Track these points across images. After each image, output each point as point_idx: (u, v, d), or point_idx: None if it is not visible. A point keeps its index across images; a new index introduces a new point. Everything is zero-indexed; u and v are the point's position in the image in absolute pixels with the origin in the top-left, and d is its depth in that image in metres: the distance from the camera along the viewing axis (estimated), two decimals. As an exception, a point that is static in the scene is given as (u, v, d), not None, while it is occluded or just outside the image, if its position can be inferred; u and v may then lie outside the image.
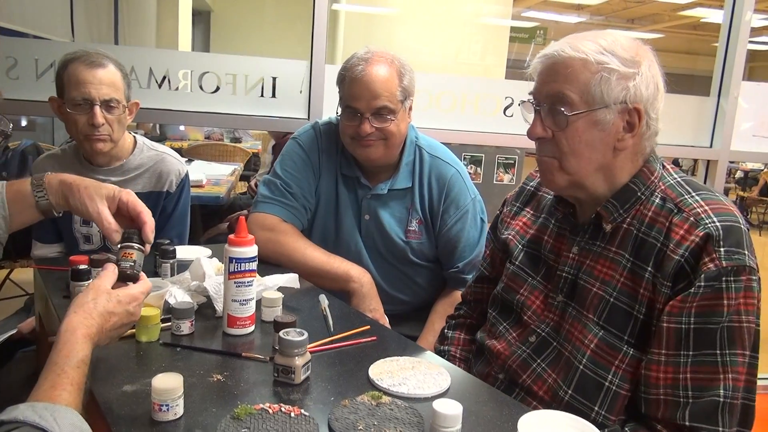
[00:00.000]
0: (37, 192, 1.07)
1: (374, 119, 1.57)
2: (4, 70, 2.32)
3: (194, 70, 2.42)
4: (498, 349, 1.20)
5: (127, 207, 1.06)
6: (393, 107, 1.57)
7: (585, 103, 1.01)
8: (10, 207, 1.07)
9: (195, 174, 3.09)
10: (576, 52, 1.02)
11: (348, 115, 1.60)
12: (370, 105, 1.56)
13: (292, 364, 0.95)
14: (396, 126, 1.59)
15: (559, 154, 1.05)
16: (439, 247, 1.74)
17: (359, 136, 1.58)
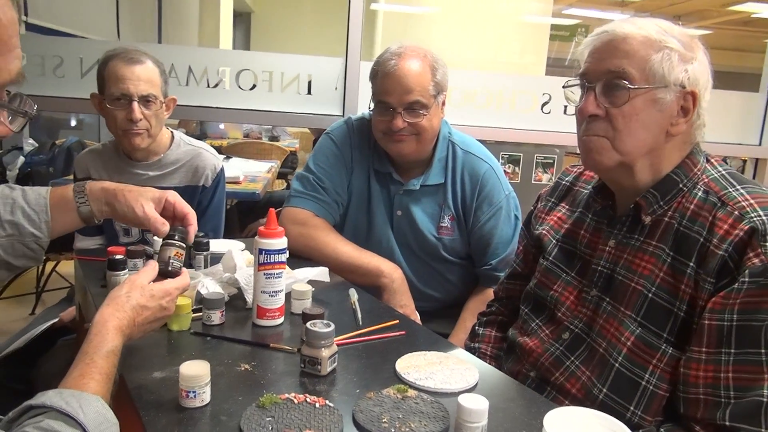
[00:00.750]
0: (78, 198, 1.08)
1: (406, 114, 1.56)
2: (51, 68, 2.40)
3: (232, 67, 2.46)
4: (530, 347, 1.17)
5: (174, 208, 1.08)
6: (425, 102, 1.56)
7: (645, 80, 0.98)
8: (53, 212, 1.07)
9: (232, 171, 3.14)
10: (638, 28, 0.99)
11: (380, 109, 1.59)
12: (402, 99, 1.55)
13: (319, 356, 0.95)
14: (428, 121, 1.57)
15: (612, 133, 1.02)
16: (471, 243, 1.72)
17: (391, 131, 1.57)
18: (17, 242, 1.04)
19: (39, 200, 1.07)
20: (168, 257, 1.01)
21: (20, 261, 1.06)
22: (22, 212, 1.04)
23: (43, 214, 1.06)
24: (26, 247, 1.05)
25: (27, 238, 1.05)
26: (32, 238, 1.05)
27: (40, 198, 1.07)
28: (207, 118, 3.11)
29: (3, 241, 1.03)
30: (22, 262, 1.06)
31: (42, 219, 1.05)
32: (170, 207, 1.08)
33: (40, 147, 2.86)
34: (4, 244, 1.03)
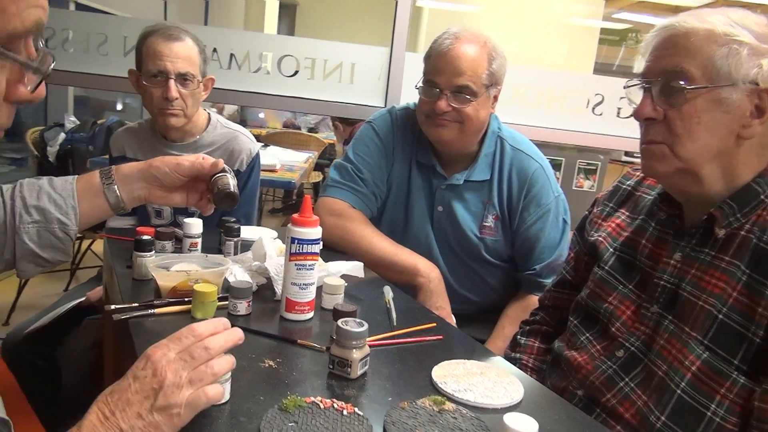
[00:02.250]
0: (105, 180, 1.04)
1: (453, 98, 1.47)
2: (95, 45, 2.39)
3: (274, 53, 2.41)
4: (578, 362, 1.07)
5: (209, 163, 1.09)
6: (475, 89, 1.46)
7: (707, 79, 0.88)
8: (81, 198, 1.02)
9: (269, 159, 3.10)
10: (701, 22, 0.88)
11: (426, 89, 1.51)
12: (450, 81, 1.46)
13: (349, 357, 0.87)
14: (475, 110, 1.48)
15: (670, 138, 0.92)
16: (515, 246, 1.62)
17: (434, 114, 1.49)
18: (43, 230, 0.98)
19: (66, 186, 1.02)
20: (231, 184, 1.06)
21: (48, 252, 1.00)
22: (48, 197, 0.99)
23: (70, 200, 1.01)
24: (53, 235, 0.99)
25: (54, 224, 0.99)
26: (59, 225, 0.99)
27: (67, 184, 1.02)
28: (245, 103, 3.08)
29: (30, 228, 0.98)
30: (50, 254, 1.00)
31: (69, 204, 1.00)
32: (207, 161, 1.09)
33: (81, 125, 2.87)
34: (31, 232, 0.98)
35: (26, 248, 0.97)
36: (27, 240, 0.97)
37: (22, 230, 0.97)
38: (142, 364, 0.68)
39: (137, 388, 0.66)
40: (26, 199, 0.98)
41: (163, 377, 0.66)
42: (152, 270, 1.10)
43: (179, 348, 0.70)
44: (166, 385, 0.66)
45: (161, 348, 0.70)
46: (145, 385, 0.66)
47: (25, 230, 0.97)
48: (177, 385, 0.67)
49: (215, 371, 0.70)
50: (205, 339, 0.71)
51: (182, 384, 0.67)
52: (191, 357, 0.69)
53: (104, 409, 0.65)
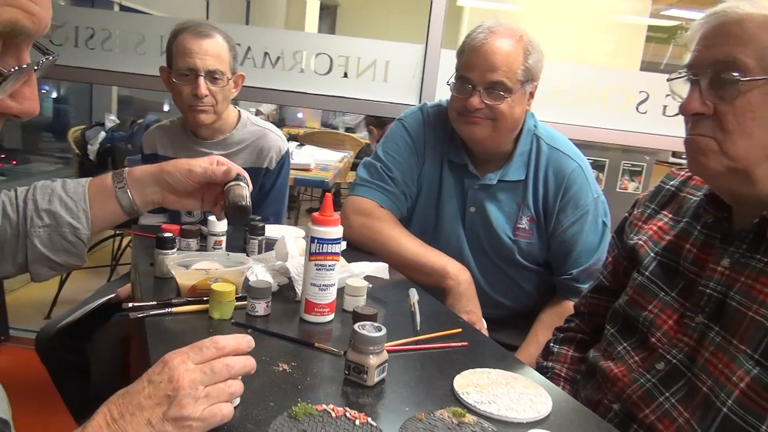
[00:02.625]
0: (117, 183, 0.99)
1: (486, 94, 1.41)
2: (133, 45, 2.42)
3: (308, 51, 2.39)
4: (615, 374, 1.00)
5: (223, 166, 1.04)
6: (509, 85, 1.40)
7: (764, 70, 0.80)
8: (93, 201, 0.99)
9: (304, 158, 3.09)
10: (756, 7, 0.80)
11: (458, 86, 1.45)
12: (484, 77, 1.40)
13: (366, 363, 0.83)
14: (509, 107, 1.41)
15: (721, 135, 0.84)
16: (551, 249, 1.55)
17: (466, 111, 1.43)
18: (55, 233, 0.96)
19: (77, 189, 0.99)
20: (244, 195, 1.00)
21: (60, 256, 0.97)
22: (59, 201, 0.97)
23: (81, 203, 0.97)
24: (64, 239, 0.96)
25: (64, 228, 0.96)
26: (70, 229, 0.96)
27: (79, 187, 0.99)
28: (279, 101, 3.08)
29: (41, 232, 0.95)
30: (63, 258, 0.97)
31: (80, 208, 0.97)
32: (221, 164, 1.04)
33: (120, 124, 2.93)
34: (42, 236, 0.95)
35: (38, 252, 0.95)
36: (38, 244, 0.95)
37: (33, 234, 0.95)
38: (159, 369, 0.65)
39: (150, 393, 0.63)
40: (38, 203, 0.96)
41: (179, 385, 0.63)
42: (172, 268, 1.09)
43: (200, 359, 0.66)
44: (182, 394, 0.63)
45: (180, 355, 0.66)
46: (159, 390, 0.63)
47: (36, 234, 0.95)
48: (194, 397, 0.63)
49: (232, 391, 0.68)
50: (227, 356, 0.69)
51: (199, 396, 0.64)
52: (212, 371, 0.66)
53: (113, 410, 0.62)
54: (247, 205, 0.99)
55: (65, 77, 2.54)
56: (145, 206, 1.02)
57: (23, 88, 0.58)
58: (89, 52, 2.41)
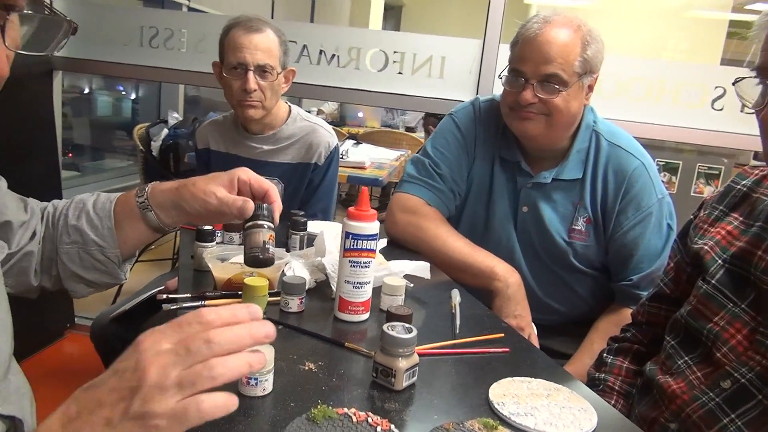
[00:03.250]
0: (141, 207, 0.90)
1: (539, 88, 1.33)
2: (193, 43, 2.47)
3: (363, 47, 2.36)
4: (673, 390, 0.91)
5: (250, 186, 0.88)
6: (565, 78, 1.31)
7: None
8: (120, 218, 0.91)
9: (359, 156, 3.07)
10: None
11: (510, 79, 1.37)
12: (537, 70, 1.32)
13: (394, 366, 0.78)
14: (564, 102, 1.33)
15: None
16: (609, 253, 1.45)
17: (518, 106, 1.35)
18: (82, 251, 0.90)
19: (105, 205, 0.92)
20: (263, 241, 0.84)
21: (91, 274, 0.91)
22: (86, 217, 0.91)
23: (107, 220, 0.90)
24: (92, 258, 0.90)
25: (90, 246, 0.90)
26: (96, 248, 0.90)
27: (107, 203, 0.93)
28: (332, 98, 3.07)
29: (69, 249, 0.90)
30: (94, 276, 0.92)
31: (105, 226, 0.90)
32: (245, 186, 0.88)
33: (182, 121, 3.01)
34: (70, 253, 0.90)
35: (68, 269, 0.90)
36: (66, 261, 0.90)
37: (61, 251, 0.90)
38: (127, 354, 0.52)
39: (114, 385, 0.50)
40: (68, 218, 0.91)
41: (144, 374, 0.49)
42: (209, 261, 1.08)
43: (177, 337, 0.51)
44: (147, 384, 0.49)
45: (154, 334, 0.52)
46: (123, 381, 0.50)
47: (65, 251, 0.90)
48: (160, 387, 0.49)
49: (214, 374, 0.50)
50: (211, 330, 0.52)
51: (167, 386, 0.49)
52: (187, 351, 0.50)
53: (71, 408, 0.51)
54: (265, 257, 0.84)
55: (129, 75, 2.62)
56: (174, 225, 0.93)
57: None
58: (152, 51, 2.48)
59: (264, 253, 0.84)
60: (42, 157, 2.47)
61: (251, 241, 0.84)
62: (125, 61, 2.50)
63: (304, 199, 1.77)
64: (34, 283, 0.91)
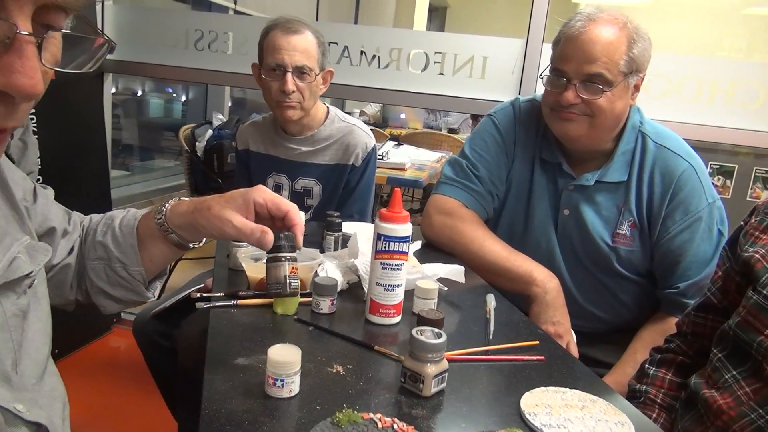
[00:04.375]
0: (162, 229, 0.88)
1: (582, 88, 1.28)
2: (237, 45, 2.51)
3: (404, 48, 2.35)
4: (719, 405, 0.86)
5: (267, 207, 0.84)
6: (610, 78, 1.27)
7: None
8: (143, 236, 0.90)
9: (400, 157, 3.06)
10: None
11: (552, 79, 1.33)
12: (580, 69, 1.27)
13: (422, 372, 0.76)
14: (608, 102, 1.28)
15: None
16: (655, 259, 1.39)
17: (559, 106, 1.31)
18: (107, 267, 0.90)
19: (130, 222, 0.91)
20: (284, 276, 0.82)
21: (117, 291, 0.91)
22: (111, 233, 0.90)
23: (129, 237, 0.89)
24: (117, 274, 0.90)
25: (114, 263, 0.89)
26: (120, 264, 0.89)
27: (132, 220, 0.92)
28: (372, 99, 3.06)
29: (95, 265, 0.90)
30: (121, 293, 0.91)
31: (127, 243, 0.89)
32: (262, 209, 0.84)
33: (227, 122, 3.06)
34: (97, 269, 0.90)
35: (95, 285, 0.90)
36: (93, 276, 0.90)
37: (89, 266, 0.90)
38: None
39: None
40: (96, 234, 0.91)
41: None
42: (242, 260, 1.08)
43: None
44: None
45: None
46: None
47: (92, 267, 0.90)
48: None
49: None
50: None
51: None
52: None
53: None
54: (286, 292, 0.82)
55: (176, 77, 2.69)
56: (198, 240, 0.91)
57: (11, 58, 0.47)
58: (198, 54, 2.54)
59: (285, 289, 0.82)
60: (92, 156, 2.56)
61: (272, 276, 0.83)
62: (172, 64, 2.57)
63: (341, 200, 1.77)
64: (70, 297, 0.91)
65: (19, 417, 0.67)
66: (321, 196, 1.78)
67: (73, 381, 0.90)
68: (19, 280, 0.70)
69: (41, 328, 0.75)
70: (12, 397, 0.67)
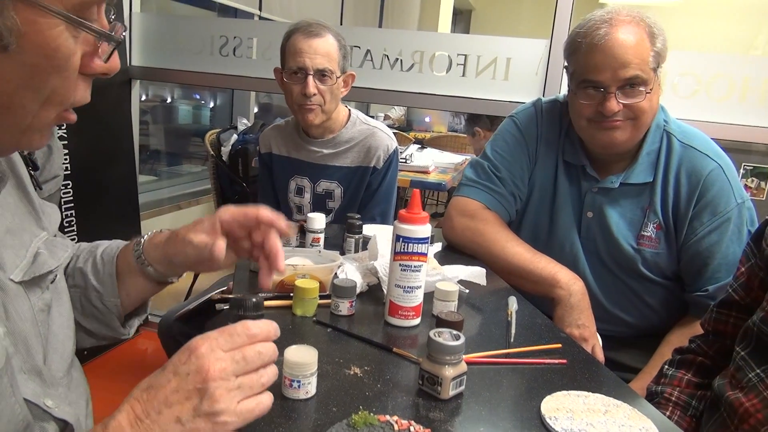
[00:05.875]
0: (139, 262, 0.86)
1: (622, 94, 1.25)
2: (261, 51, 2.54)
3: (425, 51, 2.35)
4: (745, 408, 0.83)
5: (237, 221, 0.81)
6: (645, 77, 1.24)
7: None
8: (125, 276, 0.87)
9: (423, 160, 3.06)
10: None
11: (586, 92, 1.30)
12: (617, 76, 1.24)
13: (440, 374, 0.76)
14: (648, 101, 1.26)
15: None
16: (682, 261, 1.35)
17: (602, 117, 1.27)
18: (83, 297, 0.86)
19: (111, 250, 0.89)
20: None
21: (90, 323, 0.87)
22: (92, 261, 0.87)
23: (109, 266, 0.87)
24: (91, 304, 0.86)
25: (90, 292, 0.86)
26: (95, 293, 0.86)
27: (114, 249, 0.89)
28: (396, 102, 3.05)
29: (72, 293, 0.85)
30: (93, 326, 0.87)
31: (106, 272, 0.86)
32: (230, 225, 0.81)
33: (251, 127, 3.09)
34: (73, 298, 0.85)
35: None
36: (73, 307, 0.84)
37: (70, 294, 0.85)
38: (185, 358, 0.57)
39: (177, 386, 0.56)
40: (78, 260, 0.88)
41: (208, 376, 0.55)
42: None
43: (230, 346, 0.58)
44: (213, 386, 0.55)
45: (208, 341, 0.58)
46: (186, 383, 0.55)
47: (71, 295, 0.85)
48: (227, 388, 0.56)
49: (264, 382, 0.60)
50: (258, 343, 0.60)
51: (232, 388, 0.56)
52: (244, 359, 0.58)
53: (136, 408, 0.56)
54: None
55: (201, 82, 2.73)
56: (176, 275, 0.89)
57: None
58: (223, 59, 2.57)
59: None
60: (121, 161, 2.61)
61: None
62: (197, 70, 2.60)
63: (362, 202, 1.77)
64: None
65: (48, 413, 0.68)
66: (342, 199, 1.78)
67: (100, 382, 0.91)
68: (45, 275, 0.72)
69: (65, 323, 0.77)
70: (42, 392, 0.68)
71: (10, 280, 0.67)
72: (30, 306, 0.70)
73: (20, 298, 0.68)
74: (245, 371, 0.58)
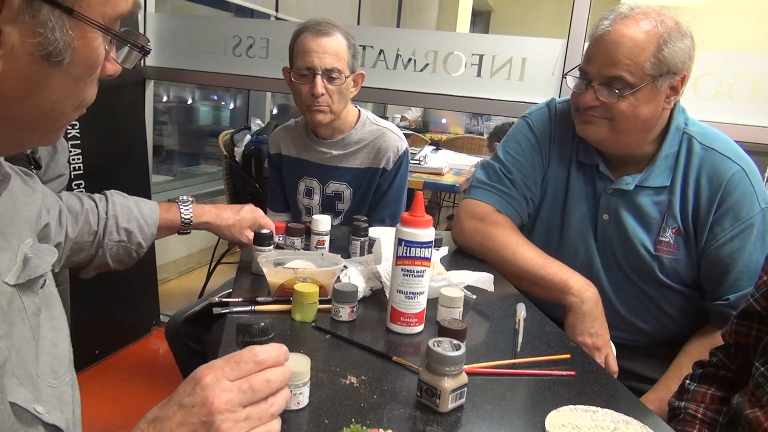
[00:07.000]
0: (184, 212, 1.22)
1: (602, 90, 1.22)
2: (275, 51, 2.53)
3: (439, 51, 2.31)
4: (764, 427, 0.78)
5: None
6: (631, 81, 1.19)
7: None
8: (162, 229, 1.18)
9: (437, 162, 3.02)
10: None
11: (576, 80, 1.29)
12: (601, 71, 1.21)
13: (439, 386, 0.72)
14: (631, 106, 1.21)
15: None
16: (702, 268, 1.30)
17: (581, 108, 1.26)
18: (123, 248, 1.09)
19: (152, 215, 1.15)
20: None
21: (116, 264, 1.10)
22: (136, 223, 1.11)
23: (153, 227, 1.14)
24: (128, 254, 1.11)
25: (133, 245, 1.11)
26: (137, 247, 1.11)
27: (153, 213, 1.15)
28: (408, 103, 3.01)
29: (113, 245, 1.08)
30: (117, 266, 1.11)
31: (150, 232, 1.13)
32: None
33: (264, 127, 3.08)
34: (113, 248, 1.08)
35: (102, 260, 1.07)
36: (106, 254, 1.07)
37: (106, 246, 1.07)
38: (189, 389, 0.56)
39: (182, 419, 0.54)
40: (118, 220, 1.09)
41: (213, 409, 0.54)
42: (263, 265, 1.06)
43: (236, 375, 0.57)
44: (219, 419, 0.54)
45: (214, 371, 0.56)
46: (191, 416, 0.54)
47: (109, 246, 1.07)
48: (233, 420, 0.55)
49: (273, 412, 0.58)
50: (267, 370, 0.58)
51: (239, 420, 0.55)
52: (251, 389, 0.57)
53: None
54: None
55: (215, 82, 2.73)
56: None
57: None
58: (237, 60, 2.56)
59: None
60: (134, 161, 2.61)
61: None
62: (211, 70, 2.59)
63: (372, 204, 1.74)
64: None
65: (38, 418, 0.66)
66: (352, 201, 1.75)
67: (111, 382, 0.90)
68: (36, 279, 0.71)
69: (56, 326, 0.76)
70: (33, 397, 0.67)
71: (4, 283, 0.66)
72: (24, 309, 0.69)
73: (15, 302, 0.67)
74: (253, 401, 0.57)
